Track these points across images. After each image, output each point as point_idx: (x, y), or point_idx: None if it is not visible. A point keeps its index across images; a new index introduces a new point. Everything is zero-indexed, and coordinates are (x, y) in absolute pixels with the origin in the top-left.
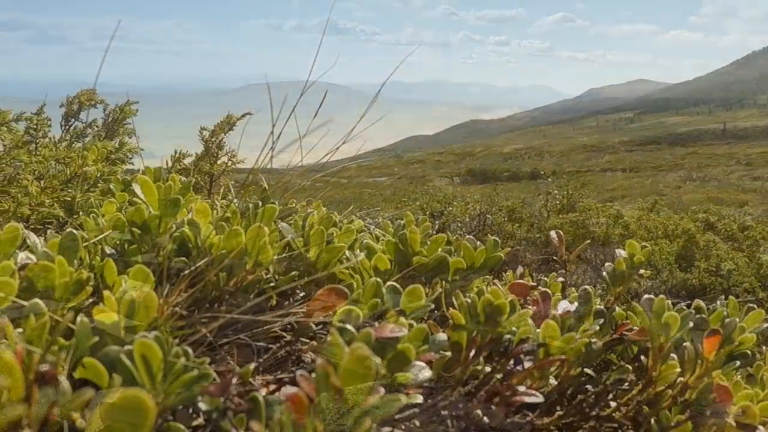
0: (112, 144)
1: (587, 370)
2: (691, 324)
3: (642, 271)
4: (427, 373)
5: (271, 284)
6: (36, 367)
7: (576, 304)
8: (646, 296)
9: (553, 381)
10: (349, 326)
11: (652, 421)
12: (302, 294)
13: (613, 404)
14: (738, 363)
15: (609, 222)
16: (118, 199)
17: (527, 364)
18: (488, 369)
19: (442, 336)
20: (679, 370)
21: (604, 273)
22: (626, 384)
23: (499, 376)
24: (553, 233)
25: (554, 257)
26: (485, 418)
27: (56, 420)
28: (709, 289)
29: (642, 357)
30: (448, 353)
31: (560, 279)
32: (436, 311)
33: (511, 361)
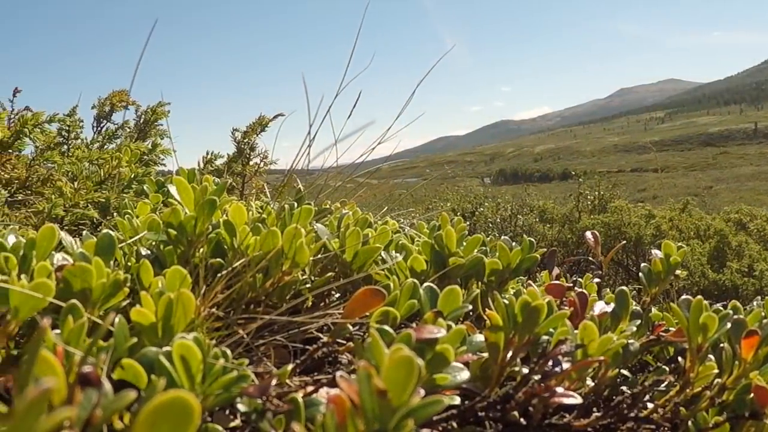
0: (145, 145)
1: (624, 371)
2: (729, 325)
3: (678, 272)
4: (465, 375)
5: (307, 285)
6: (77, 368)
7: (612, 305)
8: (683, 297)
9: (589, 382)
10: (387, 328)
11: (690, 422)
12: (338, 295)
13: (650, 405)
14: None
15: (641, 223)
16: (152, 200)
17: (565, 366)
18: (525, 370)
19: (479, 337)
20: (716, 371)
21: (640, 274)
22: (663, 385)
23: (536, 377)
24: (588, 234)
25: (588, 258)
26: (522, 420)
27: (98, 422)
28: (741, 289)
29: (679, 358)
30: (485, 354)
31: (596, 280)
32: (471, 312)
33: (549, 363)
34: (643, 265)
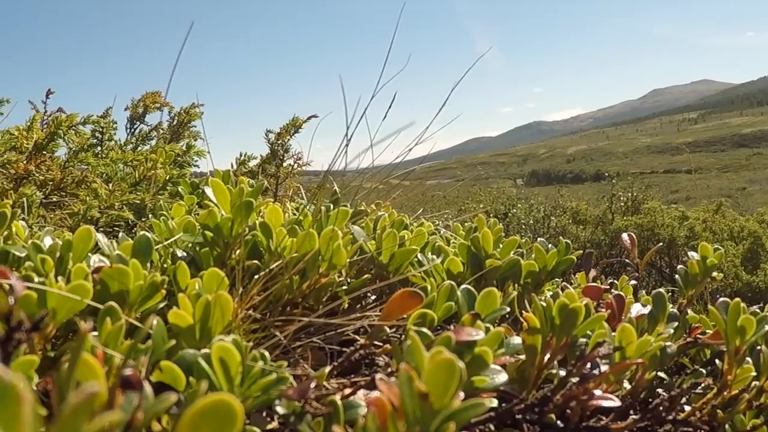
0: (179, 147)
1: (660, 374)
2: (767, 327)
3: (714, 274)
4: (503, 377)
5: (344, 287)
6: (117, 371)
7: (649, 307)
8: (721, 299)
9: (626, 385)
10: (426, 330)
11: (727, 425)
12: (373, 297)
13: (687, 408)
14: None
15: (674, 224)
16: (187, 201)
17: (603, 368)
18: (563, 373)
19: (516, 339)
20: (754, 373)
21: (677, 276)
22: (700, 388)
23: (574, 379)
24: (625, 236)
25: (623, 259)
26: (559, 422)
27: (139, 425)
28: None
29: (716, 361)
30: (522, 356)
31: (632, 282)
32: (508, 315)
33: (587, 365)
34: (679, 267)
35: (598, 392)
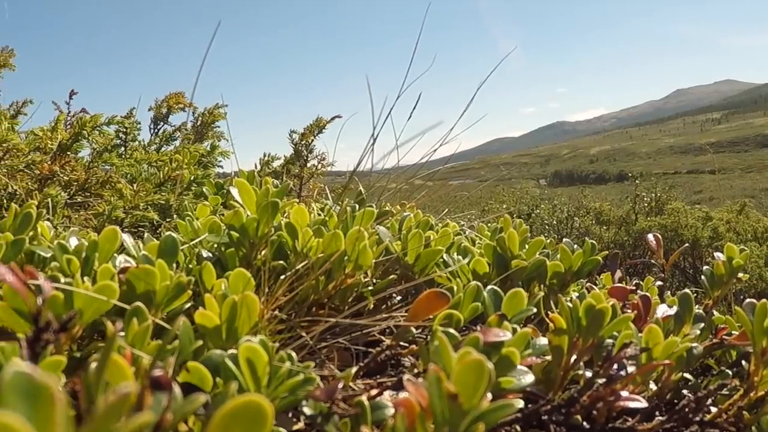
0: (203, 147)
1: (686, 375)
2: None
3: (740, 275)
4: (529, 378)
5: (369, 288)
6: (146, 371)
7: (675, 308)
8: (747, 300)
9: (652, 386)
10: (453, 331)
11: (754, 427)
12: (399, 298)
13: (713, 409)
14: None
15: (697, 225)
16: (211, 202)
17: (630, 369)
18: (589, 374)
19: (543, 340)
20: None
21: (702, 277)
22: (726, 389)
23: (601, 380)
24: (650, 236)
25: (648, 260)
26: (585, 423)
27: (168, 426)
28: None
29: (743, 362)
30: (548, 357)
31: (658, 283)
32: (533, 315)
33: (614, 366)
34: (705, 267)
35: (624, 393)
